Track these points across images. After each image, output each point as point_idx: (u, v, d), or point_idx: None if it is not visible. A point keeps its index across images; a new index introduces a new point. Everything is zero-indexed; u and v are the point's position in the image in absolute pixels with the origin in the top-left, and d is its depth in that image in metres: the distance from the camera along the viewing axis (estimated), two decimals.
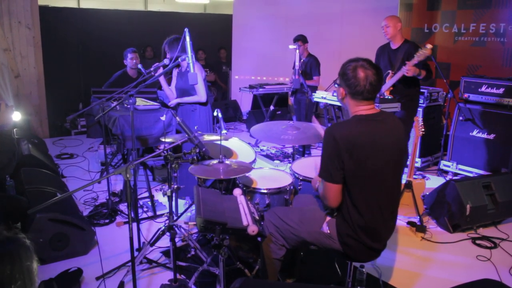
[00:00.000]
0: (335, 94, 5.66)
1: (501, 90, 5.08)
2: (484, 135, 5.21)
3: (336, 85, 2.58)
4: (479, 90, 5.27)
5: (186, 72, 4.32)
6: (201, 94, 4.37)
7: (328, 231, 2.54)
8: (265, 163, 6.16)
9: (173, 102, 4.52)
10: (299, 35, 6.45)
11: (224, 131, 3.44)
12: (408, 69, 4.39)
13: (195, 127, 3.54)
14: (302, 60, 6.48)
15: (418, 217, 4.13)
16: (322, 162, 2.44)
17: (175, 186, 3.19)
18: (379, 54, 5.01)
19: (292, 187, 3.42)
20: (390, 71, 4.71)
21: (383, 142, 2.38)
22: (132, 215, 3.47)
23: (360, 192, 2.40)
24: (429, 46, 4.29)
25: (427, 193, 4.47)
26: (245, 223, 2.33)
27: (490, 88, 5.18)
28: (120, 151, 5.21)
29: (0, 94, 6.58)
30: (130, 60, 5.84)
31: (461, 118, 5.41)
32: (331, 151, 2.36)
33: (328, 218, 2.59)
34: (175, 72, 4.56)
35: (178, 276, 3.16)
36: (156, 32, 8.18)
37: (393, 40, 4.78)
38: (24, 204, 3.56)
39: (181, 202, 4.40)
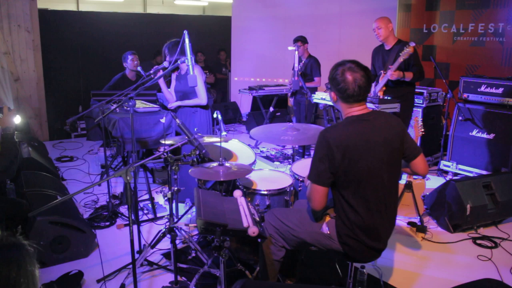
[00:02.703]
0: None
1: (500, 90, 5.08)
2: (484, 135, 5.21)
3: (327, 89, 2.59)
4: (478, 90, 5.28)
5: (186, 75, 4.33)
6: (202, 96, 4.38)
7: (328, 232, 2.54)
8: (265, 164, 6.16)
9: (173, 105, 4.52)
10: (299, 36, 6.46)
11: (224, 133, 3.45)
12: (391, 74, 4.45)
13: (195, 129, 3.54)
14: (303, 62, 6.50)
15: (419, 217, 4.13)
16: (312, 164, 2.45)
17: (175, 188, 3.19)
18: (374, 55, 5.05)
19: (292, 188, 3.42)
20: (382, 71, 4.74)
21: (375, 140, 2.39)
22: (133, 217, 3.48)
23: (355, 192, 2.40)
24: (412, 44, 4.38)
25: (427, 193, 4.47)
26: (245, 224, 2.33)
27: (489, 88, 5.19)
28: (120, 153, 5.21)
29: (0, 98, 6.59)
30: (131, 62, 5.82)
31: (460, 118, 5.41)
32: (322, 154, 2.38)
33: (327, 219, 2.59)
34: (173, 75, 4.57)
35: (179, 278, 3.17)
36: (156, 34, 8.20)
37: (386, 42, 4.82)
38: (25, 207, 3.56)
39: (180, 204, 4.40)
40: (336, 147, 2.32)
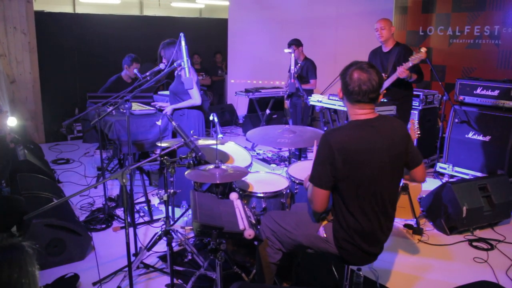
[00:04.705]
0: (331, 97, 5.69)
1: (496, 92, 5.10)
2: (480, 137, 5.22)
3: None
4: (474, 92, 5.30)
5: (179, 76, 4.36)
6: (196, 97, 4.38)
7: (325, 235, 2.54)
8: (261, 167, 6.16)
9: (168, 109, 4.52)
10: (293, 40, 6.46)
11: (220, 135, 3.45)
12: (401, 71, 4.43)
13: (191, 132, 3.54)
14: (299, 64, 6.50)
15: (415, 219, 4.13)
16: (313, 167, 2.42)
17: (172, 191, 3.18)
18: (371, 58, 5.02)
19: (288, 191, 3.42)
20: (382, 74, 4.73)
21: (378, 147, 2.36)
22: (129, 220, 3.47)
23: (355, 197, 2.38)
24: (423, 49, 4.34)
25: (424, 196, 4.47)
26: (241, 227, 2.33)
27: (485, 90, 5.20)
28: (116, 156, 5.21)
29: None
30: (131, 70, 5.78)
31: (456, 120, 5.43)
32: (324, 157, 2.35)
33: (324, 222, 2.58)
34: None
35: (175, 280, 3.16)
36: (152, 37, 8.18)
37: (385, 43, 4.80)
38: (22, 203, 3.55)
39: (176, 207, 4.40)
40: (337, 150, 2.29)
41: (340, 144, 2.31)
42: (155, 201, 4.75)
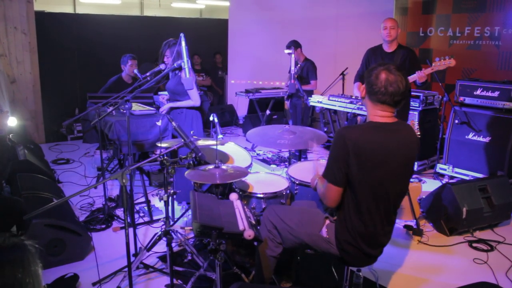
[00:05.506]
0: (331, 98, 5.70)
1: (496, 93, 5.10)
2: (480, 138, 5.22)
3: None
4: (474, 93, 5.30)
5: (178, 75, 4.37)
6: (195, 98, 4.39)
7: (327, 236, 2.53)
8: (261, 167, 6.16)
9: (165, 107, 4.53)
10: (290, 42, 6.43)
11: (220, 136, 3.44)
12: (422, 76, 4.39)
13: (191, 132, 3.54)
14: (299, 65, 6.50)
15: (415, 220, 4.13)
16: (328, 162, 2.41)
17: (172, 191, 3.18)
18: (370, 55, 4.94)
19: (288, 191, 3.42)
20: None
21: (394, 152, 2.34)
22: (129, 220, 3.47)
23: (365, 199, 2.37)
24: (453, 59, 4.31)
25: (424, 197, 4.47)
26: (241, 227, 2.32)
27: (485, 91, 5.20)
28: (117, 156, 5.20)
29: None
30: (129, 67, 5.83)
31: (456, 121, 5.43)
32: (338, 153, 2.33)
33: (327, 222, 2.58)
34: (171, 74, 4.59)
35: (174, 281, 3.16)
36: (152, 37, 8.19)
37: (390, 43, 4.75)
38: (20, 205, 3.54)
39: (177, 205, 4.39)
40: (352, 148, 2.27)
41: (356, 142, 2.28)
42: (155, 201, 4.75)
